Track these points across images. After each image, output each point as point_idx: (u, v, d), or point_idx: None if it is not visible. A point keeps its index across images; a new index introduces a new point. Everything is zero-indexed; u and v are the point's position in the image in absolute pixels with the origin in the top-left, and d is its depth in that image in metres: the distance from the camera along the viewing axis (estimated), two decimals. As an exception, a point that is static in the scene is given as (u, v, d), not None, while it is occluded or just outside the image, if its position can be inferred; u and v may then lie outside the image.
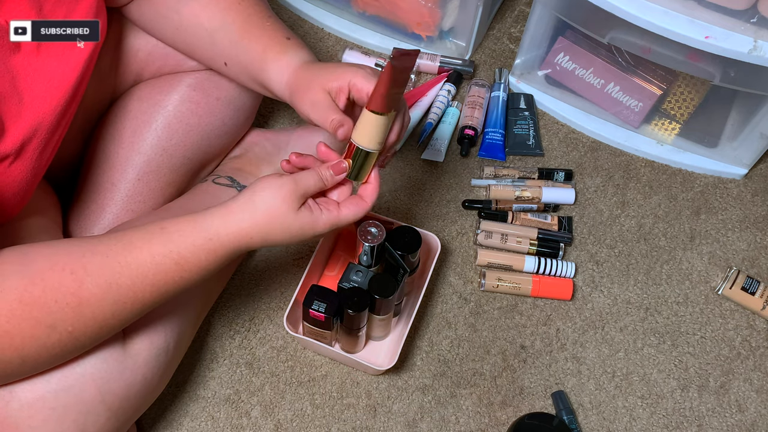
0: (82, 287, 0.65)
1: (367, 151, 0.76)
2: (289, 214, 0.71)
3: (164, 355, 0.80)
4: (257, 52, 0.82)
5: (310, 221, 0.72)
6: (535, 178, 1.15)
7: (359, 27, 1.27)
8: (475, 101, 1.19)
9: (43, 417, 0.71)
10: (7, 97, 0.66)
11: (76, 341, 0.67)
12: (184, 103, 0.94)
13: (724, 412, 1.00)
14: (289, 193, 0.70)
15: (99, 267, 0.66)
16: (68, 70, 0.73)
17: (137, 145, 0.92)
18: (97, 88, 0.92)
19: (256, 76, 0.83)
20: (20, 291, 0.63)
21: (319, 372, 0.99)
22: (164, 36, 0.88)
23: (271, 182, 0.71)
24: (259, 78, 0.83)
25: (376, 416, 0.97)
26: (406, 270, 0.90)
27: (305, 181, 0.72)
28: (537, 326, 1.04)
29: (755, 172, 1.19)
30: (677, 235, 1.12)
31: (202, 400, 0.96)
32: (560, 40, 1.16)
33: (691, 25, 0.96)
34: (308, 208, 0.72)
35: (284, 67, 0.81)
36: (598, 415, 0.99)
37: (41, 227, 0.84)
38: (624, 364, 1.02)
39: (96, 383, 0.73)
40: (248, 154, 1.04)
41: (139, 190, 0.92)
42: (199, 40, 0.85)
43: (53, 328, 0.65)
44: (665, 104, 1.16)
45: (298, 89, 0.79)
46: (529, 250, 1.08)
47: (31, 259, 0.65)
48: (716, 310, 1.07)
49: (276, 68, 0.81)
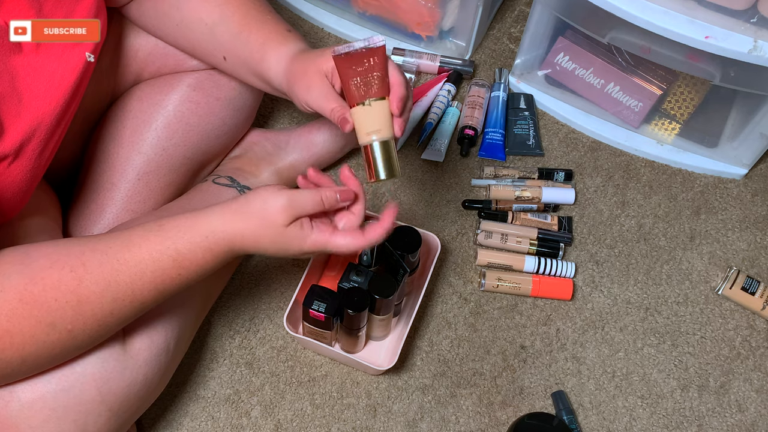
0: (81, 285, 0.66)
1: (373, 144, 0.76)
2: (278, 226, 0.71)
3: (164, 354, 0.80)
4: (257, 44, 0.82)
5: (297, 237, 0.72)
6: (535, 178, 1.15)
7: (359, 27, 1.27)
8: (475, 101, 1.19)
9: (43, 417, 0.71)
10: (7, 97, 0.66)
11: (75, 340, 0.68)
12: (184, 103, 0.94)
13: (724, 412, 1.00)
14: (283, 206, 0.70)
15: (98, 265, 0.67)
16: (68, 70, 0.73)
17: (137, 145, 0.92)
18: (97, 88, 0.92)
19: (255, 67, 0.83)
20: (21, 290, 0.64)
21: (319, 372, 0.99)
22: (165, 33, 0.88)
23: (270, 192, 0.71)
24: (258, 70, 0.83)
25: (376, 416, 0.97)
26: (406, 270, 0.90)
27: (302, 199, 0.72)
28: (537, 326, 1.04)
29: (755, 172, 1.19)
30: (677, 235, 1.12)
31: (202, 400, 0.96)
32: (560, 40, 1.16)
33: (691, 25, 0.96)
34: (299, 224, 0.72)
35: (282, 56, 0.80)
36: (598, 415, 0.99)
37: (41, 227, 0.84)
38: (624, 364, 1.02)
39: (96, 383, 0.73)
40: (248, 154, 1.04)
41: (139, 190, 0.92)
42: (200, 36, 0.85)
43: (53, 327, 0.65)
44: (665, 104, 1.16)
45: (294, 76, 0.79)
46: (529, 250, 1.08)
47: (33, 258, 0.66)
48: (716, 310, 1.07)
49: (275, 58, 0.81)
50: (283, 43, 0.81)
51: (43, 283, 0.65)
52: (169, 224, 0.70)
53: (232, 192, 0.98)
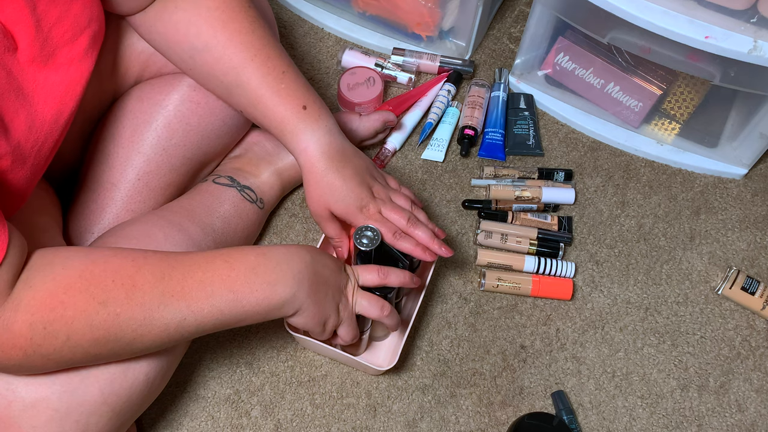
0: (139, 272, 0.68)
1: None
2: None
3: (166, 353, 0.80)
4: (274, 122, 0.85)
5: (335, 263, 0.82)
6: (535, 178, 1.15)
7: (359, 27, 1.27)
8: (475, 101, 1.19)
9: (45, 418, 0.71)
10: (6, 94, 0.66)
11: (119, 329, 0.67)
12: (184, 103, 0.94)
13: (724, 412, 1.00)
14: None
15: (158, 259, 0.70)
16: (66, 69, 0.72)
17: (137, 145, 0.92)
18: (98, 89, 0.92)
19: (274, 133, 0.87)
20: (82, 269, 0.67)
21: (319, 372, 0.99)
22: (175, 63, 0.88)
23: None
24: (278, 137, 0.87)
25: (376, 416, 0.97)
26: (405, 262, 0.90)
27: None
28: (537, 326, 1.04)
29: (755, 172, 1.19)
30: (677, 235, 1.13)
31: (202, 400, 0.96)
32: (560, 40, 1.16)
33: (691, 25, 0.96)
34: None
35: (301, 150, 0.84)
36: (598, 415, 0.99)
37: (41, 227, 0.83)
38: (624, 363, 1.02)
39: (99, 384, 0.73)
40: (248, 154, 1.04)
41: (138, 190, 0.92)
42: (215, 89, 0.87)
43: (104, 305, 0.66)
44: (665, 104, 1.16)
45: (308, 186, 0.86)
46: (529, 250, 1.08)
47: (97, 249, 0.71)
48: (716, 310, 1.07)
49: (292, 146, 0.85)
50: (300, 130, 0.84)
51: (104, 266, 0.67)
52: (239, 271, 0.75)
53: (233, 192, 0.98)
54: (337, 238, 0.90)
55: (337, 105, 1.20)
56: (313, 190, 0.85)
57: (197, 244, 0.88)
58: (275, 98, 0.84)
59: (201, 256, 0.73)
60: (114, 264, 0.68)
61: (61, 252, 0.69)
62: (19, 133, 0.68)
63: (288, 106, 0.84)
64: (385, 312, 0.83)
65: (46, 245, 0.70)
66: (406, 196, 0.90)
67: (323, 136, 0.84)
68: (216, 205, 0.95)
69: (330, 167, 0.84)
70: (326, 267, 0.79)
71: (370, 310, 0.83)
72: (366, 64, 1.21)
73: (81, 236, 0.91)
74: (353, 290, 0.82)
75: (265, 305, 0.74)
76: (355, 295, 0.82)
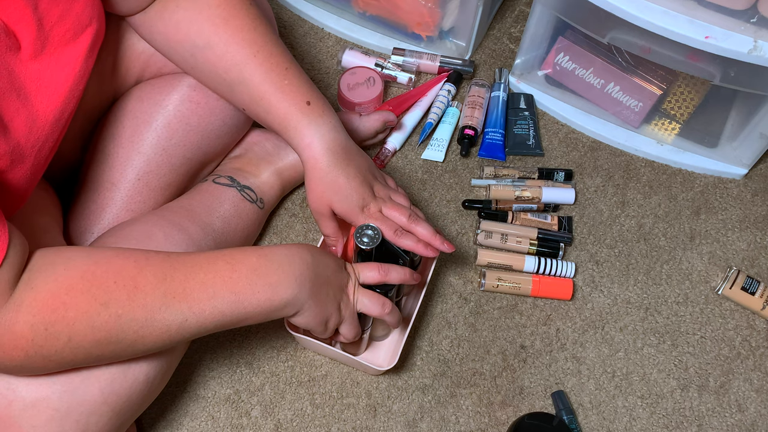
0: (140, 273, 0.68)
1: None
2: None
3: (166, 353, 0.80)
4: (278, 118, 0.84)
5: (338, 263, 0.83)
6: (535, 178, 1.15)
7: (359, 27, 1.27)
8: (475, 101, 1.19)
9: (46, 417, 0.71)
10: (6, 94, 0.66)
11: (120, 330, 0.67)
12: (184, 103, 0.93)
13: (724, 412, 1.00)
14: None
15: (160, 260, 0.70)
16: (67, 69, 0.72)
17: (137, 145, 0.92)
18: (99, 89, 0.92)
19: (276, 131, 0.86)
20: (84, 270, 0.66)
21: (319, 372, 0.99)
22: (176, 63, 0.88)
23: None
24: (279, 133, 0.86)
25: (376, 416, 0.97)
26: (405, 259, 0.90)
27: None
28: (537, 326, 1.04)
29: (755, 172, 1.19)
30: (677, 235, 1.13)
31: (202, 400, 0.96)
32: (560, 40, 1.16)
33: (691, 25, 0.96)
34: None
35: (305, 146, 0.84)
36: (598, 415, 0.99)
37: (41, 227, 0.83)
38: (624, 363, 1.02)
39: (99, 384, 0.73)
40: (248, 154, 1.04)
41: (138, 190, 0.92)
42: (218, 87, 0.87)
43: (105, 307, 0.66)
44: (665, 104, 1.16)
45: (309, 182, 0.85)
46: (529, 250, 1.08)
47: (99, 250, 0.70)
48: (716, 310, 1.07)
49: (296, 141, 0.84)
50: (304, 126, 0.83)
51: (106, 267, 0.67)
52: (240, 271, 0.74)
53: (233, 192, 0.98)
54: (333, 237, 0.90)
55: (337, 105, 1.20)
56: (316, 186, 0.85)
57: (197, 244, 0.88)
58: (278, 94, 0.83)
59: (203, 257, 0.72)
60: (116, 265, 0.68)
61: (62, 252, 0.68)
62: (19, 132, 0.68)
63: (291, 102, 0.83)
64: (387, 309, 0.83)
65: (47, 245, 0.70)
66: (405, 195, 0.90)
67: (327, 132, 0.84)
68: (216, 205, 0.95)
69: (334, 164, 0.84)
70: (327, 266, 0.79)
71: (371, 307, 0.83)
72: (366, 64, 1.21)
73: (81, 236, 0.91)
74: (354, 288, 0.82)
75: (267, 306, 0.74)
76: (356, 293, 0.82)
